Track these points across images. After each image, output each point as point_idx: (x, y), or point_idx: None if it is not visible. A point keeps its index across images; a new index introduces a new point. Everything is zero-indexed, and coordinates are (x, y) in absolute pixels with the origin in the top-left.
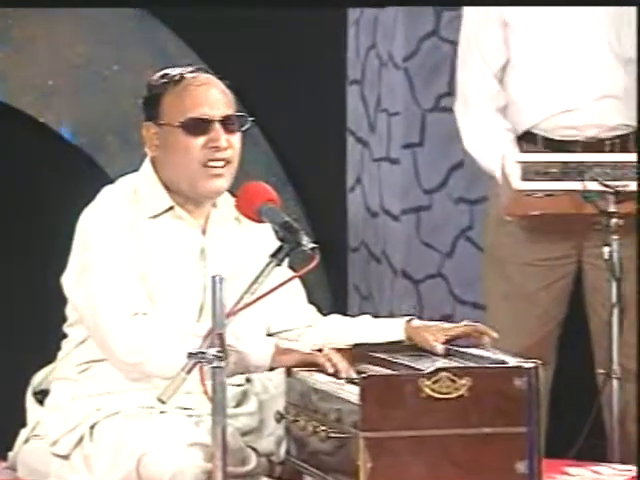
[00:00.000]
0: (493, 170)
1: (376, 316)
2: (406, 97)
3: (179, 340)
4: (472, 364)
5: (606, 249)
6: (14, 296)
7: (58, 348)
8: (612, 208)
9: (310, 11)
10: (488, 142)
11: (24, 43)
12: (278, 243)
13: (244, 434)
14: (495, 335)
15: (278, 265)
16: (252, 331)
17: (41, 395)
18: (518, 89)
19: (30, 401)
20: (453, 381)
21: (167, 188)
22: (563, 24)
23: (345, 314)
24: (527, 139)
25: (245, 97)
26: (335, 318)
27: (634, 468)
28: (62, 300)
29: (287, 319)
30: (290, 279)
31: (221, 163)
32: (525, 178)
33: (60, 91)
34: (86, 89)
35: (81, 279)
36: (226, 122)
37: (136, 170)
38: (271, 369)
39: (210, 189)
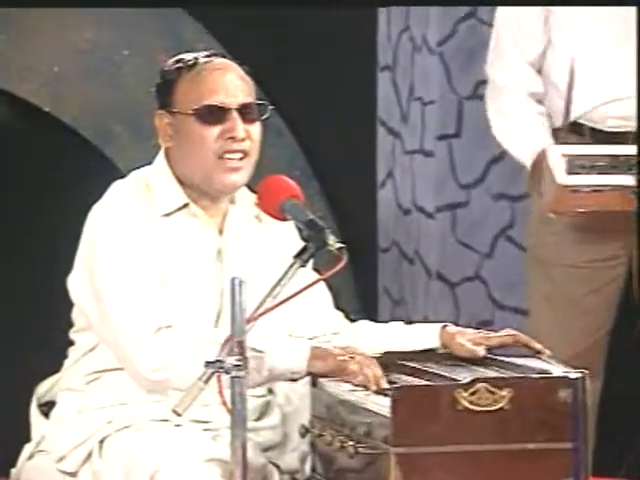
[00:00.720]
0: (523, 159)
1: (409, 322)
2: (442, 84)
3: (204, 351)
4: (513, 374)
5: None
6: (15, 299)
7: (64, 356)
8: None
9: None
10: (517, 127)
11: (27, 26)
12: (302, 243)
13: (266, 449)
14: (538, 346)
15: (302, 267)
16: (282, 334)
17: (46, 407)
18: (562, 76)
19: (34, 414)
20: (492, 392)
21: (181, 183)
22: (608, 6)
23: (375, 320)
24: (573, 130)
25: (267, 84)
26: (364, 324)
27: None
28: (68, 304)
29: (312, 325)
30: (315, 282)
31: (238, 155)
32: (571, 172)
33: (66, 78)
34: (94, 75)
35: (90, 282)
36: (244, 110)
37: (149, 163)
38: (306, 375)
39: (226, 183)
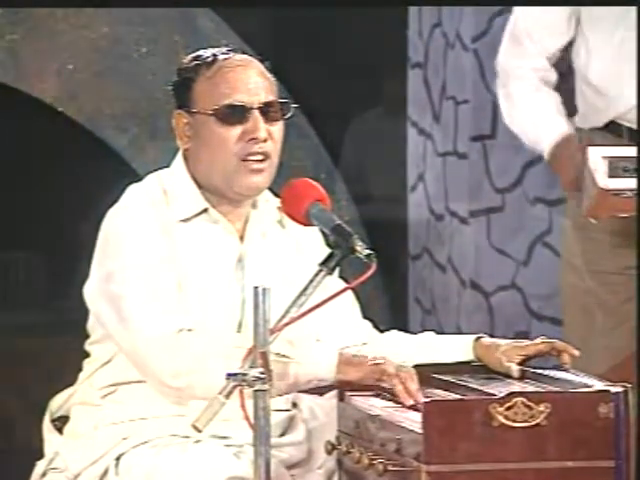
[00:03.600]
0: (538, 144)
1: (441, 333)
2: (476, 82)
3: (229, 357)
4: (551, 388)
5: None
6: (27, 308)
7: (79, 368)
8: None
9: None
10: (529, 113)
11: (41, 22)
12: (328, 249)
13: (290, 467)
14: (576, 353)
15: (329, 275)
16: (309, 339)
17: (60, 422)
18: (600, 74)
19: (47, 429)
20: (529, 407)
21: (200, 186)
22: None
23: (405, 330)
24: (611, 130)
25: (290, 81)
26: (394, 335)
27: None
28: (84, 314)
29: (339, 336)
30: (342, 290)
31: (261, 157)
32: (612, 175)
33: (81, 76)
34: (111, 74)
35: (107, 289)
36: (266, 110)
37: (167, 166)
38: (333, 385)
39: (248, 185)
